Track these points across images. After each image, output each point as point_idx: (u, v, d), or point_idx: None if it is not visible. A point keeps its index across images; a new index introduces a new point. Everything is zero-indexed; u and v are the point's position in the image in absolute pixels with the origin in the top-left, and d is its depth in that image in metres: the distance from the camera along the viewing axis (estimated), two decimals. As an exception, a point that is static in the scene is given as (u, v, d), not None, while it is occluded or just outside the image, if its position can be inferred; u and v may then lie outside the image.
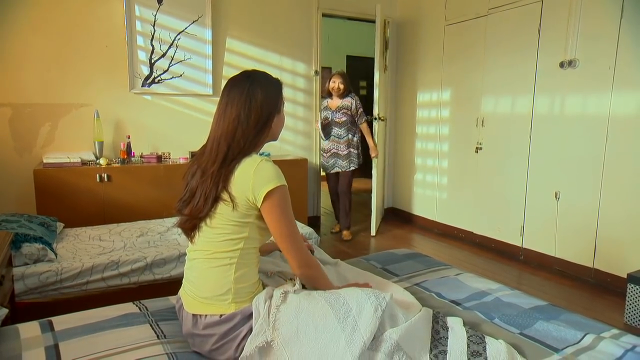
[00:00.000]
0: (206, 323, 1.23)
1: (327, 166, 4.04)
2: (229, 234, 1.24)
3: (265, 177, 1.21)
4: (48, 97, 3.25)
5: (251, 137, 1.27)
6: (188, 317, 1.27)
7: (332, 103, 3.96)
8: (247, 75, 1.33)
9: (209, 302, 1.24)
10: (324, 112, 4.00)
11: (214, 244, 1.25)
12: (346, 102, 3.91)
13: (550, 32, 3.24)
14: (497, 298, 1.61)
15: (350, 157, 3.95)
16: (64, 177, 2.98)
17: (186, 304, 1.30)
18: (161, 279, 2.31)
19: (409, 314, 1.27)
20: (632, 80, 2.80)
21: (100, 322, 1.38)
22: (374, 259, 2.01)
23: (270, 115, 1.31)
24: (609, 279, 2.98)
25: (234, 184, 1.22)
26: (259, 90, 1.29)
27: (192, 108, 3.79)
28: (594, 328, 1.39)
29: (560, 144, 3.24)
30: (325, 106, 4.02)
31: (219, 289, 1.23)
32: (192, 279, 1.30)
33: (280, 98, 1.35)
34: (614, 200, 2.93)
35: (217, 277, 1.24)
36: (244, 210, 1.23)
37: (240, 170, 1.23)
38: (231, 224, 1.23)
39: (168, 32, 3.58)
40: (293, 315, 1.18)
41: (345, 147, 3.93)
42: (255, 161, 1.23)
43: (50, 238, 2.37)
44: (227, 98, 1.31)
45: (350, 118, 3.92)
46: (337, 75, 3.95)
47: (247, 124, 1.26)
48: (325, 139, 4.02)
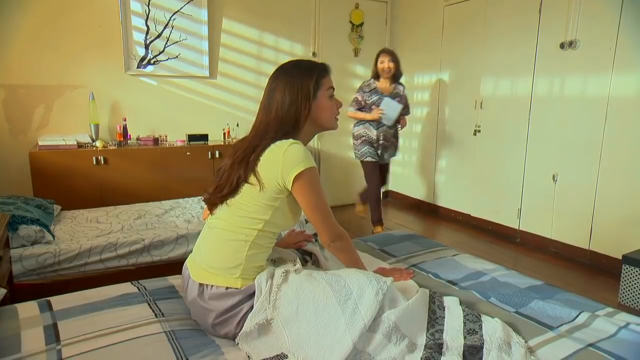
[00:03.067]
0: (211, 294, 1.25)
1: (372, 157, 3.48)
2: (251, 213, 1.25)
3: (294, 160, 1.22)
4: (42, 79, 3.21)
5: (280, 127, 1.28)
6: (194, 286, 1.28)
7: (383, 86, 3.42)
8: (281, 65, 1.36)
9: (218, 273, 1.26)
10: (373, 95, 3.40)
11: (234, 218, 1.27)
12: (398, 89, 3.46)
13: (551, 12, 3.19)
14: (494, 278, 1.62)
15: (396, 147, 3.63)
16: (60, 159, 2.96)
17: (194, 273, 1.31)
18: (159, 260, 2.31)
19: (407, 296, 1.28)
20: (632, 62, 2.78)
21: (99, 302, 1.38)
22: (371, 240, 2.01)
23: (299, 102, 1.29)
24: (604, 260, 3.01)
25: (262, 167, 1.24)
26: (281, 78, 1.32)
27: (188, 90, 3.75)
28: (589, 306, 1.41)
29: (559, 126, 3.23)
30: (373, 88, 3.42)
31: (230, 262, 1.25)
32: (205, 249, 1.31)
33: (312, 84, 1.31)
34: (611, 182, 2.94)
35: (230, 250, 1.26)
36: (273, 193, 1.24)
37: (268, 153, 1.24)
38: (256, 204, 1.25)
39: (163, 12, 3.52)
40: (294, 295, 1.19)
41: (393, 136, 3.54)
42: (285, 144, 1.24)
43: (48, 220, 2.36)
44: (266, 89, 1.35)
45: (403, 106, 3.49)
46: (385, 53, 3.41)
47: (275, 114, 1.29)
48: (370, 125, 3.44)
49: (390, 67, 3.36)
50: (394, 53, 3.43)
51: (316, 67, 1.35)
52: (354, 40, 4.49)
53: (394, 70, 3.39)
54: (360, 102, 3.46)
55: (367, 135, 3.47)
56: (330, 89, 1.37)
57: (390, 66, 3.36)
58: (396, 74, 3.42)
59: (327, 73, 1.38)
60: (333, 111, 1.38)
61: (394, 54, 3.41)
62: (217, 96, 3.87)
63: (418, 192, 4.63)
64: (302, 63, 1.37)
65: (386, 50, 3.47)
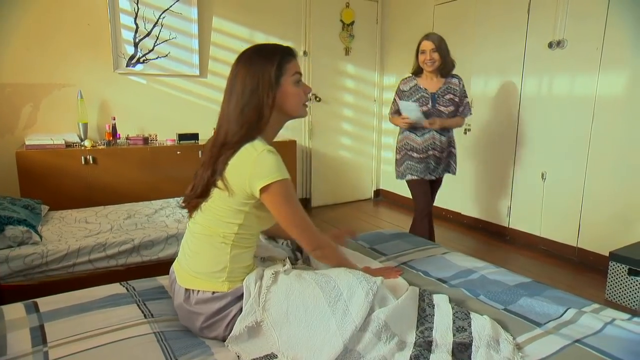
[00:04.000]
0: (198, 299, 1.23)
1: (415, 174, 2.76)
2: (224, 217, 1.22)
3: (264, 171, 1.17)
4: (29, 77, 3.16)
5: (244, 120, 1.20)
6: (180, 291, 1.27)
7: (427, 82, 2.69)
8: (243, 51, 1.28)
9: (203, 277, 1.24)
10: (414, 94, 2.70)
11: (210, 222, 1.24)
12: (452, 83, 2.68)
13: (539, 11, 3.22)
14: (483, 276, 1.64)
15: (450, 159, 2.82)
16: (47, 159, 2.92)
17: (179, 277, 1.29)
18: (149, 260, 2.29)
19: (397, 295, 1.29)
20: (618, 61, 2.81)
21: (87, 303, 1.37)
22: (362, 239, 2.02)
23: (260, 90, 1.20)
24: (591, 257, 3.05)
25: (229, 172, 1.19)
26: (242, 66, 1.24)
27: (179, 89, 3.72)
28: (576, 303, 1.43)
29: (547, 124, 3.26)
30: (413, 86, 2.72)
31: (214, 266, 1.23)
32: (189, 253, 1.29)
33: (274, 70, 1.22)
34: (598, 180, 2.98)
35: (213, 254, 1.24)
36: (242, 199, 1.21)
37: (238, 157, 1.19)
38: (227, 208, 1.22)
39: (152, 10, 3.48)
40: (283, 297, 1.18)
41: (447, 145, 2.75)
42: (257, 150, 1.18)
43: (35, 220, 2.33)
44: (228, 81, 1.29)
45: (457, 106, 2.70)
46: (428, 39, 2.61)
47: (236, 105, 1.22)
48: (410, 132, 2.72)
49: (434, 58, 2.58)
50: (439, 39, 2.60)
51: (278, 52, 1.25)
52: (345, 39, 4.49)
53: (439, 62, 2.60)
54: (396, 105, 2.78)
55: (409, 147, 2.74)
56: (296, 74, 1.27)
57: (434, 57, 2.58)
58: (445, 65, 2.64)
59: (292, 57, 1.28)
60: (300, 98, 1.28)
61: (439, 40, 2.59)
62: (208, 95, 3.85)
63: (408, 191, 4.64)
64: (264, 48, 1.27)
65: (429, 35, 2.62)
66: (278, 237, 1.63)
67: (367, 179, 4.92)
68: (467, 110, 2.75)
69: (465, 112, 2.76)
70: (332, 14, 4.39)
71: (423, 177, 2.75)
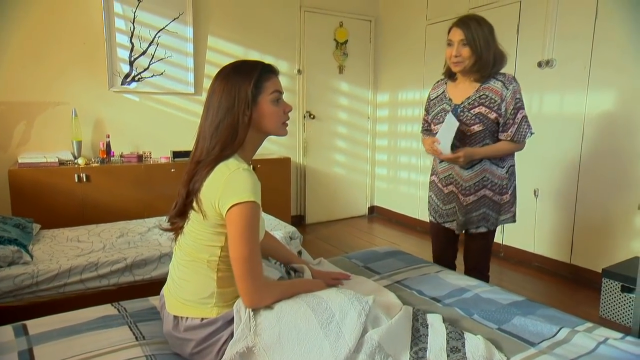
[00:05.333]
0: (187, 326, 1.21)
1: (431, 214, 2.16)
2: (205, 240, 1.21)
3: (235, 188, 1.12)
4: (23, 95, 3.17)
5: (218, 137, 1.18)
6: (169, 318, 1.25)
7: (455, 89, 1.94)
8: (223, 67, 1.27)
9: (191, 304, 1.22)
10: (438, 105, 1.99)
11: (192, 247, 1.23)
12: (490, 90, 1.84)
13: (528, 32, 3.30)
14: (477, 294, 1.64)
15: (485, 207, 1.93)
16: (40, 177, 2.91)
17: (168, 304, 1.28)
18: (142, 280, 2.27)
19: (390, 314, 1.28)
20: (605, 80, 2.88)
21: (77, 325, 1.35)
22: (355, 257, 2.02)
23: (236, 108, 1.17)
24: (585, 274, 3.06)
25: (204, 193, 1.16)
26: (219, 83, 1.22)
27: (173, 107, 3.75)
28: (569, 322, 1.43)
29: (539, 142, 3.29)
30: (440, 94, 2.01)
31: (201, 292, 1.21)
32: (176, 280, 1.27)
33: (251, 89, 1.18)
34: (590, 197, 3.01)
35: (200, 279, 1.22)
36: (215, 220, 1.17)
37: (211, 178, 1.16)
38: (205, 231, 1.20)
39: (148, 29, 3.53)
40: (275, 320, 1.16)
41: (477, 184, 1.91)
42: (230, 169, 1.15)
43: (26, 240, 2.31)
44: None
45: (493, 125, 1.85)
46: (458, 26, 1.81)
47: (211, 122, 1.20)
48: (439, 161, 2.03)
49: (461, 55, 1.80)
50: (477, 25, 1.78)
51: (257, 69, 1.22)
52: (339, 57, 4.56)
53: (470, 61, 1.80)
54: (425, 120, 2.13)
55: (435, 174, 2.10)
56: (275, 92, 1.23)
57: (463, 54, 1.80)
58: (481, 65, 1.81)
59: (272, 75, 1.24)
60: (278, 117, 1.24)
61: (476, 27, 1.77)
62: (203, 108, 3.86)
63: (403, 208, 4.66)
64: (243, 65, 1.24)
65: (462, 21, 1.81)
66: (271, 257, 1.63)
67: (362, 196, 4.93)
68: (524, 131, 1.84)
69: (519, 135, 1.84)
70: (326, 32, 4.46)
71: (441, 223, 2.05)
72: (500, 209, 1.96)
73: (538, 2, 3.21)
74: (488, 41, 1.79)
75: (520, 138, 1.87)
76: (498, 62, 1.85)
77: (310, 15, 4.33)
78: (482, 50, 1.79)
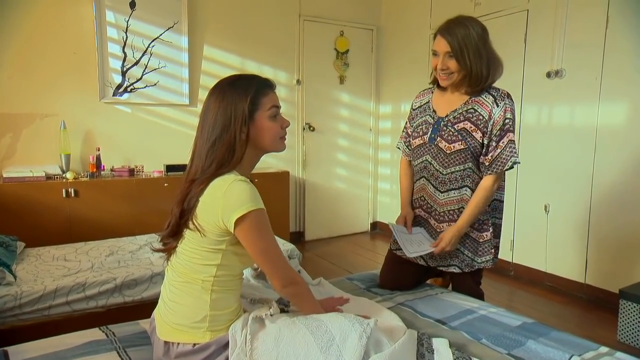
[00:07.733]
0: (178, 352, 1.21)
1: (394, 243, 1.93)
2: (201, 259, 1.21)
3: (237, 201, 1.15)
4: (10, 106, 3.20)
5: (214, 155, 1.20)
6: (159, 344, 1.25)
7: (440, 100, 1.86)
8: (219, 81, 1.29)
9: (183, 329, 1.22)
10: (420, 116, 1.90)
11: (186, 268, 1.23)
12: (478, 103, 1.73)
13: (536, 41, 3.34)
14: (483, 316, 1.63)
15: (463, 243, 1.79)
16: (26, 192, 2.92)
17: (159, 329, 1.27)
18: (132, 301, 2.26)
19: (394, 338, 1.27)
20: (618, 91, 2.90)
21: (62, 351, 1.34)
22: (357, 279, 2.01)
23: (232, 126, 1.19)
24: (601, 294, 3.04)
25: (201, 211, 1.18)
26: (214, 98, 1.24)
27: (167, 118, 3.77)
28: (581, 347, 1.41)
29: (549, 155, 3.32)
30: (425, 104, 1.92)
31: (194, 316, 1.21)
32: (167, 302, 1.27)
33: (247, 105, 1.20)
34: (604, 213, 3.00)
35: (192, 302, 1.22)
36: (215, 237, 1.19)
37: (207, 193, 1.18)
38: (202, 250, 1.20)
39: (141, 38, 3.57)
40: (272, 345, 1.16)
41: (456, 211, 1.78)
42: (226, 182, 1.17)
43: (9, 259, 2.30)
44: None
45: (477, 147, 1.72)
46: (442, 34, 1.71)
47: (207, 140, 1.22)
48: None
49: (448, 67, 1.69)
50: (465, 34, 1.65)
51: (253, 85, 1.24)
52: (340, 67, 4.61)
53: (457, 76, 1.70)
54: (407, 131, 2.01)
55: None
56: (272, 108, 1.25)
57: (450, 66, 1.69)
58: (472, 79, 1.70)
59: (269, 90, 1.27)
60: (276, 132, 1.26)
61: (463, 37, 1.65)
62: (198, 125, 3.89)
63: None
64: (239, 80, 1.25)
65: (445, 28, 1.71)
66: None
67: (364, 211, 4.93)
68: (506, 159, 1.67)
69: (498, 163, 1.67)
70: (326, 42, 4.51)
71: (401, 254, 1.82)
72: (477, 248, 1.77)
73: (546, 10, 3.25)
74: (479, 50, 1.66)
75: (499, 167, 1.68)
76: (492, 72, 1.71)
77: (309, 24, 4.39)
78: (472, 64, 1.65)
